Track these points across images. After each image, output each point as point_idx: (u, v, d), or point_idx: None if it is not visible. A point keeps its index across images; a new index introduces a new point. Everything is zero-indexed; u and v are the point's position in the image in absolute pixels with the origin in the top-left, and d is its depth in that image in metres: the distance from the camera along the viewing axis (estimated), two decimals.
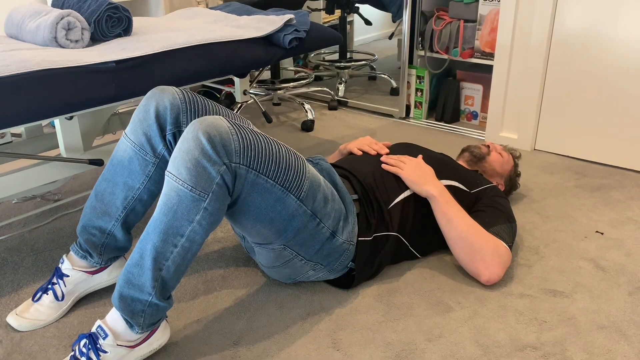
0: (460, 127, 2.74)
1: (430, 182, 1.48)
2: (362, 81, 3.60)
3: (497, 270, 1.44)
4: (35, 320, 1.34)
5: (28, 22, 1.63)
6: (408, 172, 1.49)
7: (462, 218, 1.45)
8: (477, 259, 1.44)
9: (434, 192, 1.46)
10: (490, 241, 1.44)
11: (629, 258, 1.61)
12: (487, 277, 1.44)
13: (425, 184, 1.47)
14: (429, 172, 1.52)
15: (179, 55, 1.60)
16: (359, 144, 1.69)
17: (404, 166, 1.52)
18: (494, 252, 1.43)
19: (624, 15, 2.07)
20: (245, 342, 1.29)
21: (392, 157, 1.56)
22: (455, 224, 1.44)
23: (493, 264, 1.43)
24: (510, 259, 1.47)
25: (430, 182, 1.48)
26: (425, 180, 1.48)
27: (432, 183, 1.48)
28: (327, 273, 1.43)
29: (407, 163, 1.53)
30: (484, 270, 1.44)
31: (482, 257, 1.43)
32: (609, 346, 1.27)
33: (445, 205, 1.46)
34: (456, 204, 1.48)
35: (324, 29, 2.04)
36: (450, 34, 2.67)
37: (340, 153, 1.77)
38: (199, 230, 1.14)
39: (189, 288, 1.50)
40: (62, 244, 1.72)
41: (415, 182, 1.47)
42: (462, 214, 1.46)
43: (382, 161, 1.56)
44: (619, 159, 2.24)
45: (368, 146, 1.65)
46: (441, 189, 1.48)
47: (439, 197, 1.46)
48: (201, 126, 1.13)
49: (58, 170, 1.55)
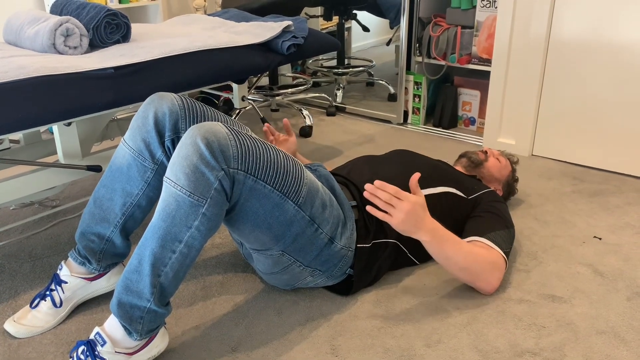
0: (458, 133, 2.75)
1: (421, 228, 1.31)
2: (360, 87, 3.60)
3: (497, 284, 1.45)
4: (32, 327, 1.34)
5: (27, 29, 1.63)
6: (397, 223, 1.28)
7: (458, 252, 1.36)
8: (478, 280, 1.43)
9: (425, 238, 1.33)
10: (487, 263, 1.41)
11: (627, 263, 1.61)
12: (488, 291, 1.46)
13: (417, 232, 1.31)
14: (419, 215, 1.29)
15: (178, 61, 1.61)
16: None
17: (394, 214, 1.28)
18: (492, 270, 1.43)
19: (621, 22, 2.08)
20: (244, 349, 1.29)
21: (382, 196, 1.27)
22: (453, 260, 1.37)
23: (493, 279, 1.44)
24: (506, 265, 1.47)
25: (421, 227, 1.31)
26: (416, 227, 1.30)
27: (424, 228, 1.31)
28: (325, 279, 1.43)
29: (397, 208, 1.27)
30: (485, 287, 1.45)
31: (483, 279, 1.43)
32: (608, 351, 1.27)
33: (439, 246, 1.35)
34: (449, 239, 1.35)
35: (322, 36, 2.05)
36: (447, 40, 2.68)
37: None
38: (197, 235, 1.14)
39: (187, 294, 1.50)
40: (60, 250, 1.71)
41: (405, 231, 1.32)
42: (457, 247, 1.36)
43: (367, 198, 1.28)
44: (616, 165, 2.25)
45: None
46: (433, 231, 1.32)
47: (432, 240, 1.34)
48: (199, 132, 1.13)
49: (56, 176, 1.55)
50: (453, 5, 2.64)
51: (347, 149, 2.56)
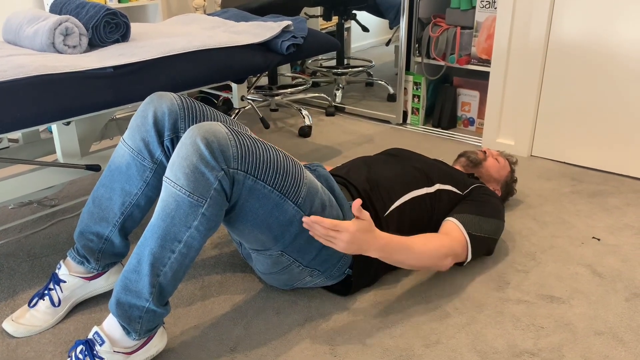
0: (457, 133, 2.75)
1: (367, 249, 1.29)
2: (360, 87, 3.60)
3: (450, 264, 1.46)
4: (31, 326, 1.33)
5: (26, 28, 1.63)
6: (341, 249, 1.27)
7: (409, 257, 1.36)
8: (433, 269, 1.48)
9: (375, 255, 1.32)
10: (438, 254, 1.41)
11: (626, 264, 1.61)
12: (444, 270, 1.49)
13: (365, 252, 1.29)
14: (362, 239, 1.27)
15: (177, 61, 1.61)
16: None
17: (336, 243, 1.26)
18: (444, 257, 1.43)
19: (621, 22, 2.08)
20: (243, 348, 1.29)
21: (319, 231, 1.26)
22: (406, 264, 1.37)
23: (444, 265, 1.44)
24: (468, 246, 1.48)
25: (368, 249, 1.29)
26: (362, 250, 1.28)
27: (370, 248, 1.29)
28: (324, 279, 1.43)
29: (337, 239, 1.26)
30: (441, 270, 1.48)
31: (436, 267, 1.44)
32: (606, 352, 1.27)
33: (390, 258, 1.34)
34: (399, 246, 1.34)
35: (322, 36, 2.05)
36: (447, 41, 2.68)
37: None
38: (196, 235, 1.14)
39: (186, 294, 1.50)
40: (59, 249, 1.71)
41: (353, 253, 1.30)
42: (407, 253, 1.35)
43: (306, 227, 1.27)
44: (615, 165, 2.25)
45: None
46: (381, 247, 1.30)
47: (382, 255, 1.32)
48: (199, 132, 1.13)
49: (55, 175, 1.55)
50: (452, 5, 2.65)
51: (346, 149, 2.56)
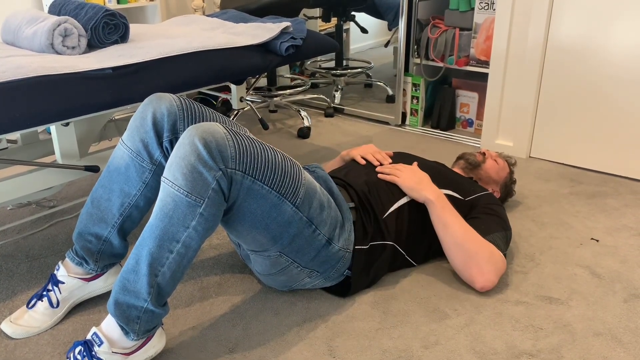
0: (456, 135, 2.75)
1: (427, 187, 1.50)
2: (358, 88, 3.61)
3: (492, 278, 1.44)
4: (29, 327, 1.33)
5: (25, 29, 1.63)
6: (404, 179, 1.51)
7: (458, 224, 1.46)
8: (471, 265, 1.44)
9: (431, 197, 1.48)
10: (485, 247, 1.44)
11: (624, 265, 1.61)
12: (481, 284, 1.44)
13: (423, 190, 1.49)
14: (424, 178, 1.53)
15: (176, 62, 1.61)
16: (363, 152, 1.68)
17: (400, 174, 1.53)
18: (489, 258, 1.44)
19: (619, 24, 2.09)
20: (241, 349, 1.29)
21: (388, 166, 1.58)
22: (451, 230, 1.45)
23: (488, 270, 1.43)
24: (505, 266, 1.48)
25: (427, 187, 1.50)
26: (421, 185, 1.50)
27: (429, 188, 1.50)
28: (323, 280, 1.43)
29: (402, 170, 1.54)
30: (478, 276, 1.44)
31: (477, 263, 1.43)
32: (605, 353, 1.27)
33: (441, 211, 1.47)
34: (453, 209, 1.49)
35: (321, 37, 2.05)
36: (445, 42, 2.68)
37: (342, 159, 1.77)
38: (194, 235, 1.14)
39: (185, 295, 1.50)
40: (58, 250, 1.71)
41: (412, 188, 1.48)
42: (458, 219, 1.47)
43: (378, 171, 1.57)
44: (614, 167, 2.25)
45: (372, 155, 1.65)
46: (438, 194, 1.50)
47: (436, 201, 1.47)
48: (197, 132, 1.13)
49: (54, 176, 1.55)
50: (451, 7, 2.65)
51: (345, 150, 2.56)
